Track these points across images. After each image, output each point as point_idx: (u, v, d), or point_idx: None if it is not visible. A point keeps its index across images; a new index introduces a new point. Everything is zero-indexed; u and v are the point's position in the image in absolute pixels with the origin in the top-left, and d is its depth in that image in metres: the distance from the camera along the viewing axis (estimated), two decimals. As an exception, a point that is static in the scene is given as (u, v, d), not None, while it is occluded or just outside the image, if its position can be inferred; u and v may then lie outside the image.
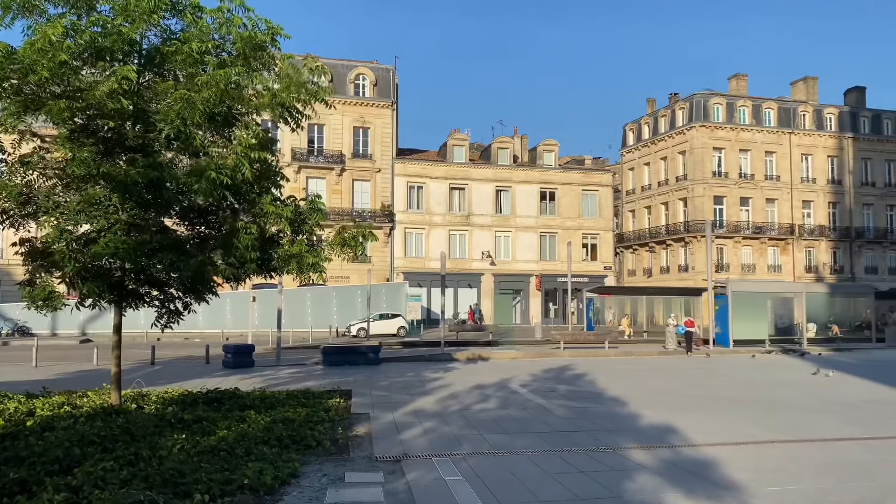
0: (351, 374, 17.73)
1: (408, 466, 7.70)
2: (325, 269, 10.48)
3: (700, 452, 8.37)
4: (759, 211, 55.44)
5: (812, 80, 60.52)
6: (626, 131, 65.53)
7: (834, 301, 34.89)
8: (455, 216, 49.84)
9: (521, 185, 51.14)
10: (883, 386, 15.51)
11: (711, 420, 10.83)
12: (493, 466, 7.74)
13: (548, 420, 10.84)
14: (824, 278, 54.46)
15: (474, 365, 21.40)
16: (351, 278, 44.97)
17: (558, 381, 16.36)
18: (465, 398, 13.30)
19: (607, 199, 53.66)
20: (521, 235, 50.82)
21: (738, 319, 29.62)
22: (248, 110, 10.44)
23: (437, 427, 10.18)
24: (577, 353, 25.37)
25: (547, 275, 50.45)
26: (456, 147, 51.21)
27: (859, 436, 9.36)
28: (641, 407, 12.08)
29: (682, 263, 55.69)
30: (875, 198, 58.65)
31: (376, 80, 49.09)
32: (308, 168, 46.56)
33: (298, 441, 8.67)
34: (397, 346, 29.53)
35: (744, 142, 55.70)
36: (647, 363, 22.73)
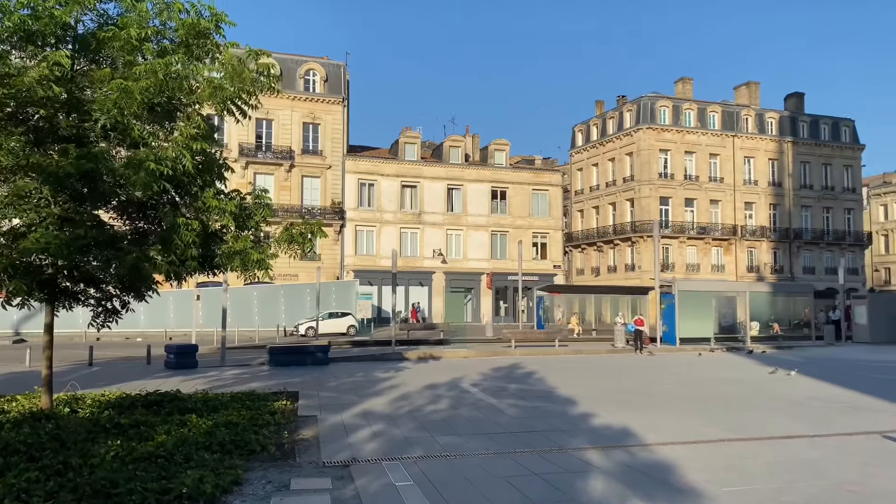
0: (298, 375, 17.31)
1: (357, 472, 7.43)
2: (271, 267, 10.10)
3: (654, 453, 8.32)
4: (704, 212, 56.69)
5: (754, 85, 62.20)
6: (575, 132, 66.24)
7: (775, 300, 35.83)
8: (406, 214, 49.54)
9: (473, 184, 51.15)
10: (825, 383, 15.87)
11: (663, 419, 10.85)
12: (446, 470, 7.53)
13: (500, 420, 10.69)
14: (765, 278, 56.02)
15: (425, 364, 21.18)
16: (299, 276, 44.21)
17: (510, 380, 16.27)
18: (416, 399, 13.06)
19: (557, 198, 54.10)
20: (472, 234, 50.83)
21: (685, 318, 30.14)
22: (190, 101, 9.97)
23: (388, 429, 9.92)
24: (527, 351, 25.40)
25: (498, 273, 50.58)
26: (408, 145, 50.90)
27: (807, 433, 9.47)
28: (593, 406, 12.04)
29: (629, 263, 56.55)
30: (813, 200, 60.63)
31: (327, 76, 48.41)
32: (256, 163, 45.60)
33: (242, 446, 8.30)
34: (347, 346, 29.09)
35: (689, 144, 56.88)
36: (597, 361, 22.88)
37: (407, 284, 47.02)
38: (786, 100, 63.74)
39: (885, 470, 7.35)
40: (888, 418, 10.78)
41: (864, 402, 12.66)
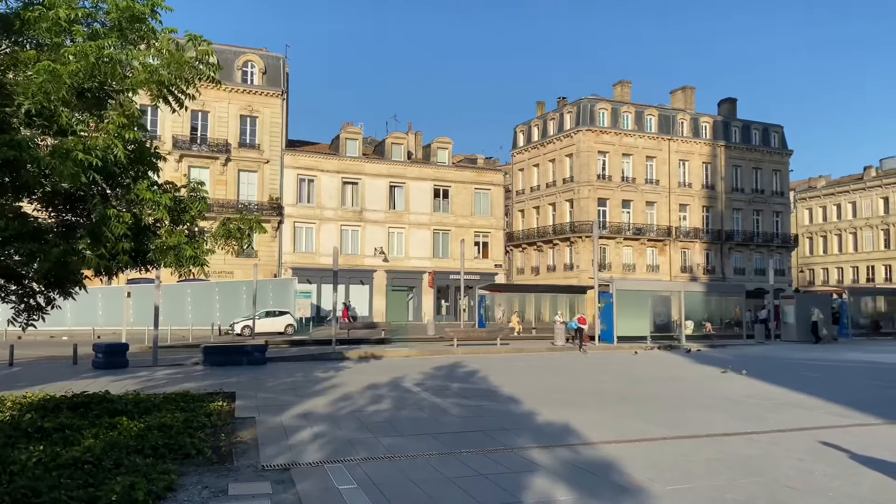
0: (235, 375, 16.81)
1: (298, 475, 7.17)
2: (207, 263, 9.69)
3: (598, 451, 8.33)
4: (640, 213, 57.99)
5: (690, 90, 63.97)
6: (516, 133, 66.81)
7: (708, 300, 36.88)
8: (347, 211, 49.00)
9: (415, 182, 50.98)
10: (759, 381, 16.33)
11: (605, 417, 10.92)
12: (390, 472, 7.35)
13: (444, 420, 10.57)
14: (698, 278, 57.70)
15: (367, 364, 20.92)
16: (236, 273, 43.19)
17: (453, 379, 16.18)
18: (357, 399, 12.82)
19: (499, 198, 54.45)
20: (414, 232, 50.66)
21: (622, 317, 30.68)
22: (123, 87, 9.46)
23: (329, 431, 9.67)
24: (469, 349, 25.39)
25: (440, 272, 50.57)
26: (349, 140, 50.34)
27: (744, 430, 9.67)
28: (536, 404, 12.05)
29: (567, 262, 57.38)
30: (743, 203, 62.77)
31: (265, 68, 47.41)
32: (190, 156, 44.30)
33: (176, 450, 7.93)
34: (285, 345, 28.52)
35: (627, 146, 58.09)
36: (538, 359, 23.04)
37: (348, 283, 46.50)
38: (719, 105, 65.80)
39: (820, 466, 7.53)
40: (820, 415, 11.13)
41: (796, 399, 13.06)
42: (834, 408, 11.85)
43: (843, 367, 19.92)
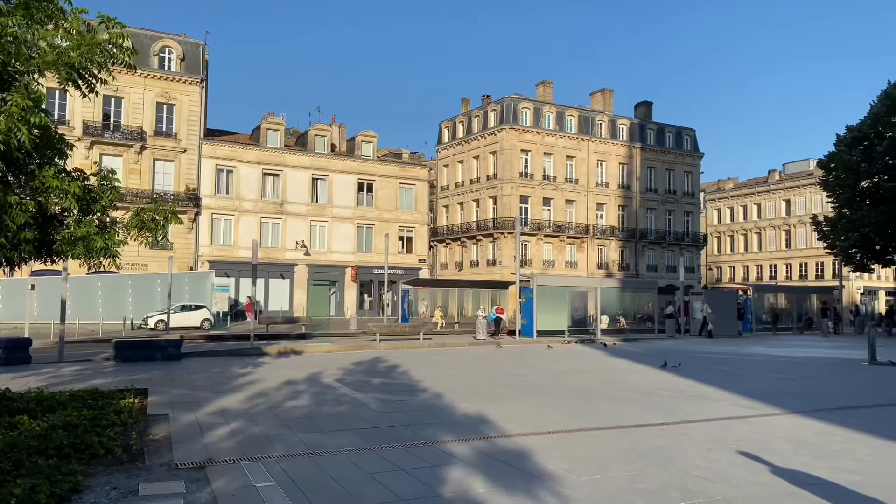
0: (148, 371, 16.22)
1: (213, 473, 6.99)
2: (118, 255, 9.30)
3: (516, 443, 8.48)
4: (560, 211, 59.32)
5: (609, 92, 65.80)
6: (441, 129, 67.07)
7: (623, 295, 38.14)
8: (268, 203, 48.01)
9: (339, 175, 50.44)
10: (668, 373, 17.00)
11: (523, 409, 11.13)
12: (309, 469, 7.26)
13: (365, 415, 10.52)
14: (613, 274, 59.54)
15: (286, 359, 20.57)
16: (150, 266, 41.64)
17: (374, 374, 16.13)
18: (276, 395, 12.60)
19: (423, 193, 54.54)
20: (337, 226, 50.13)
21: (542, 311, 31.33)
22: (28, 69, 8.94)
23: (246, 427, 9.46)
24: (392, 344, 25.35)
25: (363, 266, 50.26)
26: (270, 131, 49.29)
27: (656, 422, 10.03)
28: (457, 398, 12.15)
29: (490, 258, 58.10)
30: (657, 203, 65.14)
31: (184, 55, 45.84)
32: (102, 144, 42.39)
33: (83, 449, 7.58)
34: (201, 340, 27.73)
35: (548, 146, 59.27)
36: (460, 353, 23.24)
37: (267, 277, 45.60)
38: (636, 108, 67.99)
39: (725, 455, 7.90)
40: (726, 406, 11.68)
41: (705, 391, 13.66)
42: (739, 399, 12.46)
43: (746, 361, 20.97)
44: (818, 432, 9.34)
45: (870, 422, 10.17)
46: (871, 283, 70.92)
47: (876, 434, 9.15)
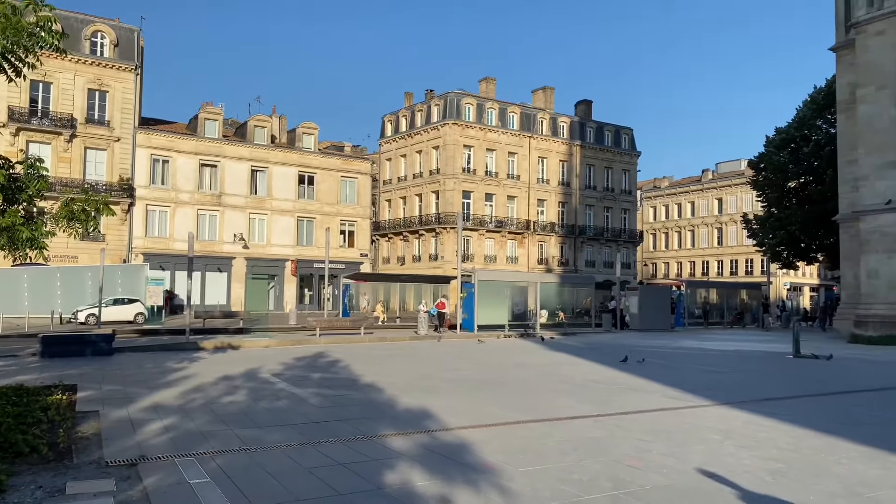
0: (77, 367, 15.68)
1: (145, 470, 6.83)
2: (46, 247, 8.97)
3: (455, 436, 8.56)
4: (502, 206, 59.86)
5: (550, 90, 66.65)
6: (384, 122, 66.75)
7: (562, 290, 38.81)
8: (205, 195, 46.90)
9: (279, 167, 49.65)
10: (604, 366, 17.41)
11: (463, 403, 11.23)
12: (245, 464, 7.17)
13: (304, 410, 10.43)
14: (553, 270, 60.47)
15: (223, 354, 20.19)
16: (80, 258, 40.16)
17: (314, 369, 15.99)
18: (212, 390, 12.37)
19: (366, 187, 54.20)
20: (277, 219, 49.34)
21: (483, 306, 31.61)
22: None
23: (181, 423, 9.26)
24: (333, 339, 25.17)
25: (303, 260, 49.64)
26: (208, 121, 48.11)
27: (591, 413, 10.28)
28: (398, 392, 12.17)
29: (432, 252, 58.22)
30: (595, 200, 66.42)
31: (118, 40, 44.30)
32: (29, 131, 40.62)
33: (6, 448, 7.29)
34: (135, 335, 26.94)
35: (491, 141, 59.69)
36: (402, 348, 23.26)
37: (204, 270, 44.58)
38: (576, 106, 69.07)
39: (656, 445, 8.16)
40: (658, 398, 12.04)
41: (638, 383, 14.05)
42: (670, 391, 12.86)
43: (679, 354, 21.63)
44: (745, 422, 9.72)
45: (792, 412, 10.65)
46: (797, 280, 74.12)
47: (797, 423, 9.59)
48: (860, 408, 11.32)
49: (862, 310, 28.64)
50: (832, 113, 37.33)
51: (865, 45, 29.16)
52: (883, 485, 6.53)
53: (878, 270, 27.99)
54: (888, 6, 28.29)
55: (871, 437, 8.66)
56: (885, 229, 27.87)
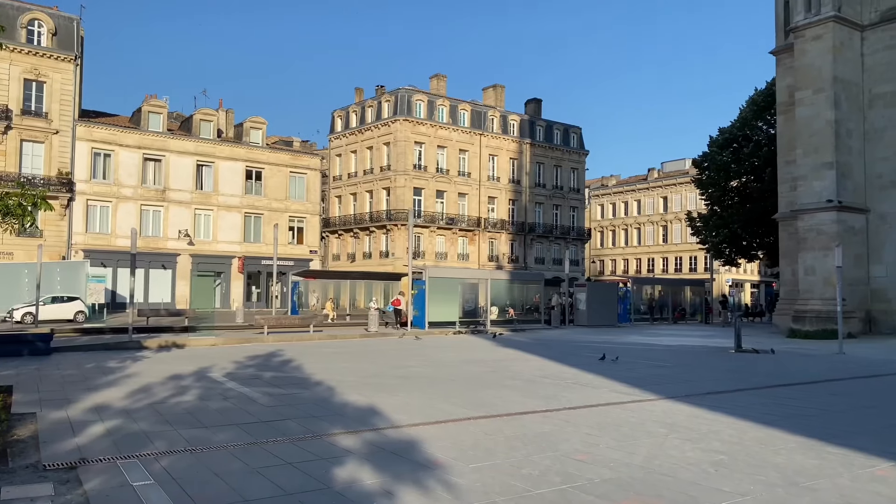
0: (13, 367, 15.11)
1: (86, 473, 6.61)
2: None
3: (405, 434, 8.54)
4: (452, 203, 60.00)
5: (500, 88, 67.06)
6: (334, 118, 66.16)
7: (512, 287, 39.12)
8: (149, 190, 45.72)
9: (226, 162, 48.72)
10: (552, 362, 17.63)
11: (413, 400, 11.21)
12: (191, 465, 7.01)
13: (252, 410, 10.26)
14: (503, 266, 60.95)
15: (168, 353, 19.73)
16: (16, 255, 38.70)
17: (263, 368, 15.75)
18: (157, 390, 12.06)
19: (315, 182, 53.63)
20: (223, 215, 48.42)
21: (434, 303, 31.64)
22: None
23: (124, 425, 9.01)
24: (281, 337, 24.84)
25: (251, 257, 48.85)
26: (152, 114, 46.88)
27: (540, 409, 10.38)
28: (348, 390, 12.09)
29: (383, 249, 58.00)
30: (545, 198, 67.16)
31: (56, 29, 42.78)
32: (-39, 122, 38.90)
33: (-65, 454, 6.98)
34: (75, 334, 26.08)
35: (442, 139, 59.74)
36: (352, 346, 23.10)
37: (148, 267, 43.53)
38: (526, 104, 69.68)
39: (604, 440, 8.30)
40: (606, 393, 12.24)
41: (586, 378, 14.26)
42: (617, 386, 13.09)
43: (625, 349, 22.04)
44: (689, 416, 9.97)
45: (734, 405, 10.97)
46: (739, 277, 76.32)
47: (739, 416, 9.88)
48: (797, 400, 11.72)
49: (799, 305, 29.67)
50: (772, 114, 38.54)
51: (803, 50, 30.18)
52: (819, 474, 6.77)
53: (814, 267, 29.03)
54: (825, 12, 29.34)
55: (808, 428, 8.99)
56: (821, 227, 28.92)
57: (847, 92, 29.59)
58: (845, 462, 7.26)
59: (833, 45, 29.17)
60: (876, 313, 29.53)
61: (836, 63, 29.18)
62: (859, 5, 30.33)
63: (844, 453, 7.64)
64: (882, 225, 29.47)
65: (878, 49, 29.90)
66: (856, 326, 28.17)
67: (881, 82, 29.71)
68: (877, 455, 7.55)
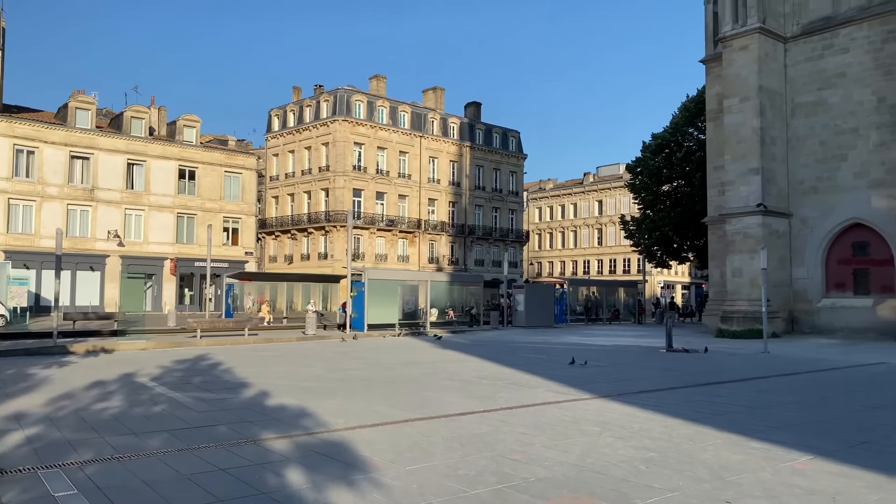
0: (-76, 375, 14.29)
1: (3, 485, 6.30)
2: None
3: (342, 437, 8.46)
4: (393, 205, 59.82)
5: (440, 91, 67.25)
6: (271, 117, 65.09)
7: (452, 288, 39.24)
8: (76, 189, 44.00)
9: (158, 161, 47.29)
10: (491, 363, 17.77)
11: (351, 403, 11.12)
12: (119, 474, 6.77)
13: (183, 415, 9.99)
14: (444, 268, 61.10)
15: (96, 358, 19.02)
16: (-70, 256, 36.66)
17: (195, 373, 15.36)
18: (83, 397, 11.61)
19: (251, 182, 52.61)
20: (155, 215, 46.98)
21: (373, 305, 31.47)
22: None
23: (46, 433, 8.63)
24: (215, 341, 24.28)
25: (184, 258, 47.54)
26: (80, 110, 45.14)
27: (478, 409, 10.45)
28: (283, 394, 11.90)
29: (322, 251, 57.35)
30: (484, 200, 67.69)
31: (-25, 19, 40.71)
32: None
33: None
34: (-7, 339, 24.84)
35: (382, 140, 59.50)
36: (288, 349, 22.76)
37: (75, 269, 41.90)
38: (466, 107, 70.08)
39: (539, 439, 8.41)
40: (542, 393, 12.42)
41: (523, 378, 14.44)
42: (553, 385, 13.30)
43: (561, 350, 22.40)
44: (622, 414, 10.20)
45: (664, 403, 11.29)
46: (670, 278, 78.63)
47: (669, 414, 10.17)
48: (724, 398, 12.15)
49: (727, 306, 30.75)
50: (703, 121, 39.85)
51: (731, 59, 31.33)
52: (744, 469, 7.03)
53: (741, 269, 30.14)
54: (751, 23, 30.54)
55: (734, 425, 9.32)
56: (748, 231, 30.06)
57: (772, 101, 30.87)
58: (767, 456, 7.56)
59: (759, 55, 30.38)
60: (798, 313, 30.87)
61: (761, 73, 30.40)
62: (783, 18, 31.69)
63: (767, 448, 7.96)
64: (804, 229, 30.83)
65: (799, 60, 31.30)
66: (779, 326, 29.40)
67: (802, 92, 31.10)
68: (796, 449, 7.89)
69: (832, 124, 30.05)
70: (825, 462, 7.31)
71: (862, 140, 29.21)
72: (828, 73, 30.27)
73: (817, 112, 30.52)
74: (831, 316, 29.66)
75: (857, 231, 29.53)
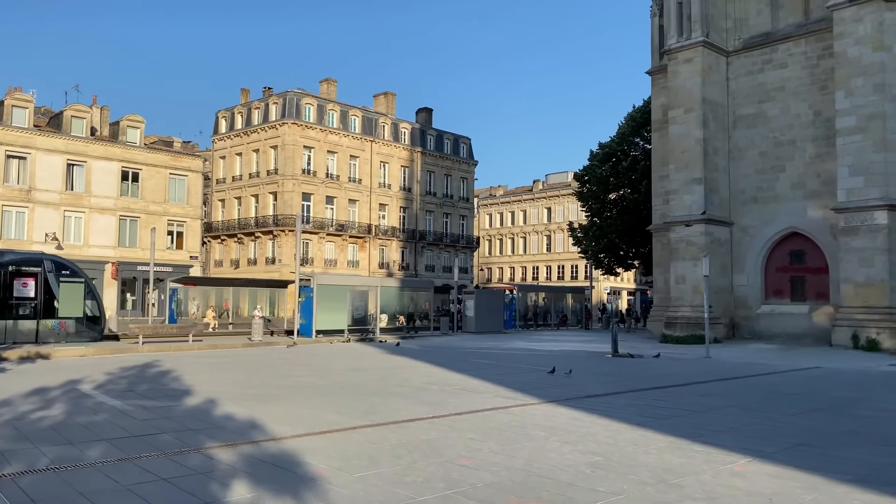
0: None
1: (-70, 500, 6.03)
2: None
3: (288, 445, 8.35)
4: (343, 210, 59.40)
5: (391, 96, 67.18)
6: (218, 118, 63.95)
7: (402, 294, 39.19)
8: (12, 190, 42.36)
9: (99, 162, 45.88)
10: (441, 368, 17.80)
11: (297, 410, 10.99)
12: (55, 486, 6.54)
13: (124, 424, 9.70)
14: (394, 274, 60.89)
15: (32, 365, 18.35)
16: None
17: (137, 380, 14.95)
18: (17, 405, 11.18)
19: (197, 185, 51.50)
20: (96, 217, 45.55)
21: (322, 311, 31.19)
22: None
23: (-23, 444, 8.28)
24: (158, 347, 23.69)
25: (126, 262, 46.22)
26: (16, 108, 43.47)
27: (427, 416, 10.45)
28: (228, 402, 11.68)
29: (269, 256, 56.53)
30: (435, 206, 67.82)
31: None
32: None
33: None
34: (-80, 345, 23.73)
35: (332, 144, 59.06)
36: (234, 355, 22.36)
37: (9, 272, 40.09)
38: (417, 113, 70.18)
39: (487, 444, 8.46)
40: (491, 398, 12.50)
41: (472, 384, 14.50)
42: (502, 391, 13.40)
43: (510, 355, 22.61)
44: (569, 419, 10.34)
45: (609, 407, 11.49)
46: (617, 285, 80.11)
47: (614, 418, 10.35)
48: (668, 402, 12.43)
49: (671, 312, 31.50)
50: (649, 131, 40.81)
51: (676, 71, 32.18)
52: (685, 471, 7.21)
53: (685, 276, 30.92)
54: (695, 37, 31.44)
55: (676, 428, 9.55)
56: (691, 239, 30.87)
57: (714, 113, 31.81)
58: (708, 459, 7.77)
59: (702, 68, 31.30)
60: (738, 319, 31.82)
61: (704, 85, 31.31)
62: (725, 32, 32.73)
63: (708, 451, 8.18)
64: (744, 237, 31.82)
65: (740, 74, 32.35)
66: (721, 332, 30.24)
67: (743, 105, 32.15)
68: (735, 451, 8.13)
69: (771, 136, 31.13)
70: (763, 464, 7.55)
71: (799, 152, 30.33)
72: (767, 86, 31.36)
73: (757, 124, 31.58)
74: (770, 322, 30.66)
75: (795, 240, 30.63)
